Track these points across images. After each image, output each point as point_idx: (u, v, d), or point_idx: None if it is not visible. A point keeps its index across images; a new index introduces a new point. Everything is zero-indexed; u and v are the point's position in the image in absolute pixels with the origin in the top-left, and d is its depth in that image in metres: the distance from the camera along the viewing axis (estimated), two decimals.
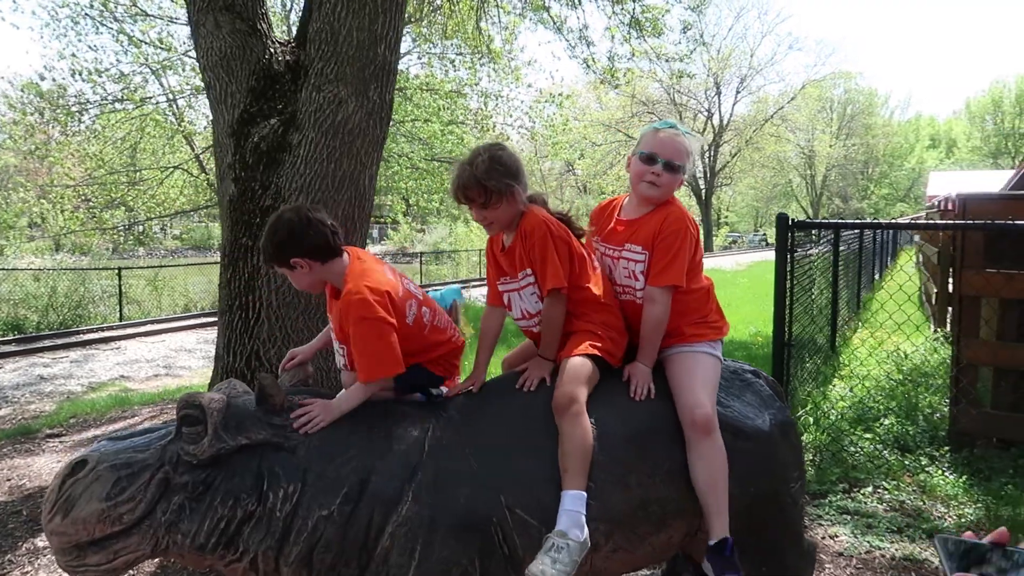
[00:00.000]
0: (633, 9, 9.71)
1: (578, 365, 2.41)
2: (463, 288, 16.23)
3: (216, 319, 5.31)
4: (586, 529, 2.22)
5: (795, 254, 4.77)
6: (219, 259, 5.07)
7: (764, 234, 66.36)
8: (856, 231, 11.13)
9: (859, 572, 3.39)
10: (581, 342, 2.49)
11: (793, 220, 4.60)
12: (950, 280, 8.86)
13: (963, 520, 3.85)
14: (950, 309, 8.83)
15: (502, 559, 2.24)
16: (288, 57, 4.88)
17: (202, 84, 5.78)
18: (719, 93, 48.07)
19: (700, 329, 2.64)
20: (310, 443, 2.26)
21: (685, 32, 10.53)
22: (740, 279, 21.43)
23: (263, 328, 4.68)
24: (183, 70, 14.92)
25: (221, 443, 2.20)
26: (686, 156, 2.61)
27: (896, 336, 7.66)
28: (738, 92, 48.09)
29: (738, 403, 2.61)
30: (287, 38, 5.14)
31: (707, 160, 47.53)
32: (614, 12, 11.03)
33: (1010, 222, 4.17)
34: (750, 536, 2.50)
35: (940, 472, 4.42)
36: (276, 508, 2.18)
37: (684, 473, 2.41)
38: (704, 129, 48.62)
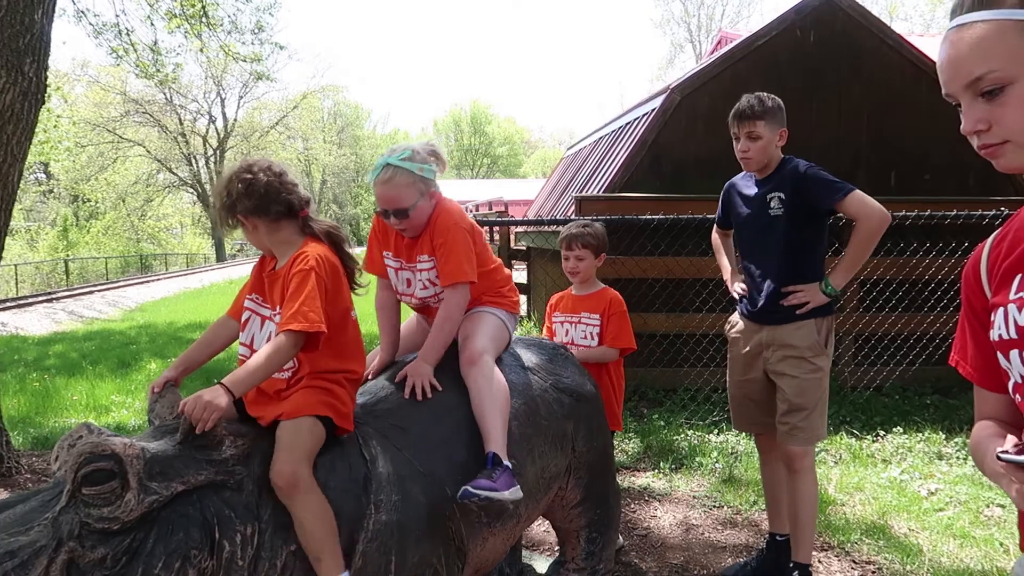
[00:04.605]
0: (202, 1, 9.12)
1: (299, 434, 2.02)
2: None
3: None
4: None
5: None
6: None
7: None
8: None
9: None
10: (308, 400, 2.08)
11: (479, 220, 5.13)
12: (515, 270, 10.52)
13: (633, 450, 4.88)
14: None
15: (454, 551, 2.25)
16: None
17: None
18: (222, 98, 46.72)
19: (497, 299, 2.74)
20: (255, 474, 1.94)
21: (258, 33, 10.29)
22: None
23: None
24: None
25: (153, 495, 1.77)
26: (407, 191, 2.48)
27: None
28: (241, 98, 47.42)
29: (568, 373, 2.97)
30: None
31: (213, 166, 45.77)
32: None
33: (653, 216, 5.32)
34: (592, 486, 2.90)
35: None
36: (236, 557, 1.84)
37: (563, 437, 2.71)
38: (207, 132, 46.68)
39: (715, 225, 3.51)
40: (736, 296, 3.30)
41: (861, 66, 6.58)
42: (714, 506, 4.12)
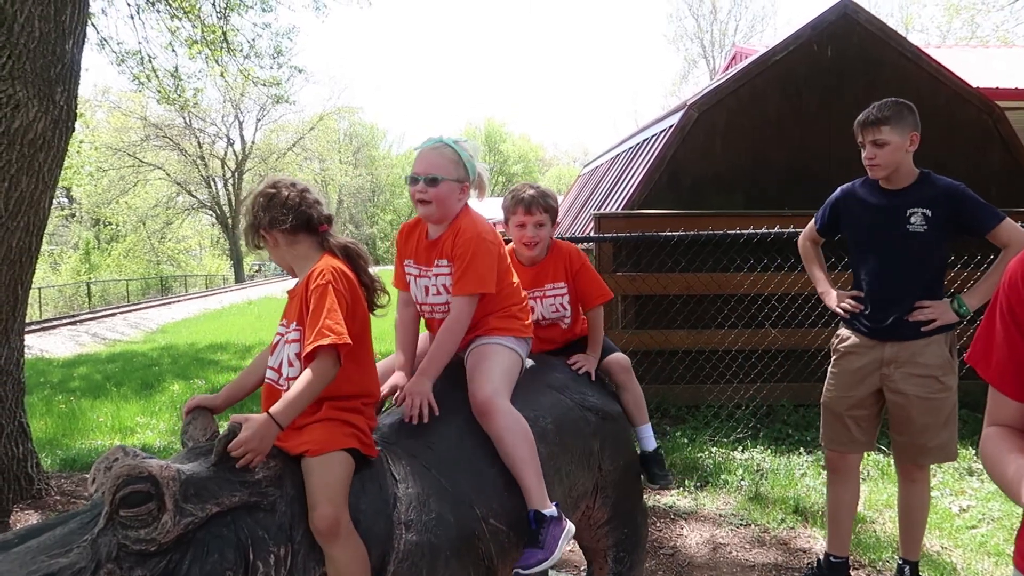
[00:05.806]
0: (222, 27, 9.27)
1: (332, 473, 1.99)
2: None
3: None
4: None
5: None
6: None
7: None
8: None
9: None
10: (333, 433, 2.06)
11: None
12: None
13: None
14: None
15: (484, 571, 2.25)
16: None
17: None
18: (239, 121, 47.36)
19: (506, 323, 2.62)
20: (287, 495, 1.96)
21: (277, 58, 10.45)
22: None
23: None
24: None
25: (188, 517, 1.78)
26: (448, 165, 2.48)
27: None
28: (259, 120, 48.06)
29: (594, 392, 2.97)
30: None
31: (231, 188, 46.33)
32: (186, 27, 10.33)
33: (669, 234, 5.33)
34: (619, 504, 2.90)
35: None
36: None
37: (589, 456, 2.70)
38: (225, 155, 47.28)
39: (810, 230, 3.39)
40: (841, 312, 3.20)
41: (878, 79, 6.56)
42: (741, 524, 4.08)
